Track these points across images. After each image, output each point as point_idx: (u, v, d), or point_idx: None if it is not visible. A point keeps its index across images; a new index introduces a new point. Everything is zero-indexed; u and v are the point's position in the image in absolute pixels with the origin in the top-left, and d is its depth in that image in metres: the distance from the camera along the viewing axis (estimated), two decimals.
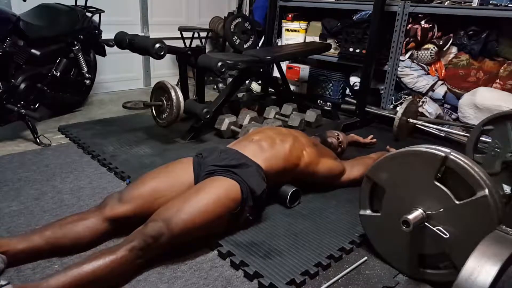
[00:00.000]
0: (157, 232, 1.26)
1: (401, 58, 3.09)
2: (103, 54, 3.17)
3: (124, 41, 2.46)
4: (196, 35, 3.89)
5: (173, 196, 1.46)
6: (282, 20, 3.90)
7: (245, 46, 3.44)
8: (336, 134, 2.30)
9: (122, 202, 1.43)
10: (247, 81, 3.89)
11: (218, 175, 1.51)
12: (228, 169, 1.52)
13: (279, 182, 1.77)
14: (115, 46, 2.61)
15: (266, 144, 1.69)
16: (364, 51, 3.12)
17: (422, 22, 2.96)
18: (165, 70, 4.17)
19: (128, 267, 1.24)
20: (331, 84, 3.62)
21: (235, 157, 1.59)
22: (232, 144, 1.78)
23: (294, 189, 1.78)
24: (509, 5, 2.61)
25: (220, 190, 1.44)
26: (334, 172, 1.91)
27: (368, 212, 1.47)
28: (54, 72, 2.69)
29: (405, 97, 3.13)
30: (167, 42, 2.42)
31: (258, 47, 3.72)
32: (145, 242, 1.25)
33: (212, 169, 1.54)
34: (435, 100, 3.05)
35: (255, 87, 3.91)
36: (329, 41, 3.60)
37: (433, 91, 3.06)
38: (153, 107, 2.53)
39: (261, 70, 3.17)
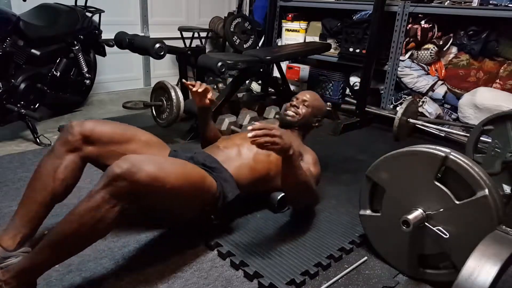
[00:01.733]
0: (122, 170, 1.08)
1: (401, 58, 3.09)
2: (103, 54, 3.17)
3: (124, 41, 2.46)
4: (196, 35, 3.89)
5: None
6: (282, 20, 3.90)
7: (245, 46, 3.44)
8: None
9: (87, 121, 1.40)
10: (247, 81, 3.88)
11: None
12: (205, 168, 1.46)
13: (254, 191, 1.65)
14: (115, 46, 2.61)
15: (233, 153, 1.61)
16: (364, 51, 3.12)
17: (422, 22, 2.96)
18: (165, 70, 4.17)
19: (104, 213, 1.09)
20: (331, 84, 3.62)
21: (210, 160, 1.53)
22: (206, 149, 1.71)
23: (283, 194, 1.70)
24: (509, 5, 2.61)
25: (200, 173, 1.36)
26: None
27: (368, 212, 1.47)
28: (54, 72, 2.69)
29: (405, 97, 3.13)
30: (167, 42, 2.42)
31: (258, 47, 3.72)
32: (109, 180, 1.09)
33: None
34: (435, 100, 3.05)
35: (255, 87, 3.91)
36: (329, 41, 3.60)
37: (433, 91, 3.06)
38: (153, 107, 2.53)
39: (261, 70, 3.16)
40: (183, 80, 1.84)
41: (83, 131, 1.37)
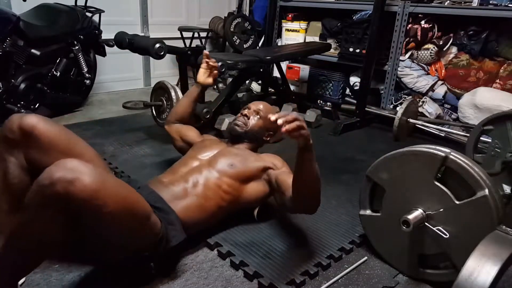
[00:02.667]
0: (56, 176, 0.91)
1: (401, 58, 3.09)
2: (103, 54, 3.17)
3: (124, 41, 2.46)
4: (196, 35, 3.89)
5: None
6: (282, 20, 3.90)
7: (245, 46, 3.44)
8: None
9: (30, 115, 1.20)
10: (247, 81, 3.88)
11: None
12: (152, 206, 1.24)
13: (205, 227, 1.49)
14: (115, 46, 2.61)
15: (179, 190, 1.41)
16: (364, 51, 3.12)
17: (422, 22, 2.96)
18: (165, 70, 4.17)
19: (36, 228, 0.95)
20: (331, 84, 3.62)
21: (154, 198, 1.31)
22: (152, 181, 1.49)
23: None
24: (509, 5, 2.61)
25: (145, 207, 1.16)
26: (266, 193, 1.56)
27: (368, 212, 1.47)
28: (54, 72, 2.69)
29: (405, 97, 3.13)
30: (167, 42, 2.42)
31: (258, 47, 3.72)
32: (38, 188, 0.94)
33: None
34: (435, 100, 3.05)
35: (255, 87, 3.91)
36: (329, 41, 3.60)
37: (433, 91, 3.06)
38: (153, 107, 2.53)
39: (261, 70, 3.16)
40: (205, 51, 1.84)
41: (23, 125, 1.16)
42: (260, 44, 3.91)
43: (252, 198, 1.55)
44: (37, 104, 2.60)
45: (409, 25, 2.99)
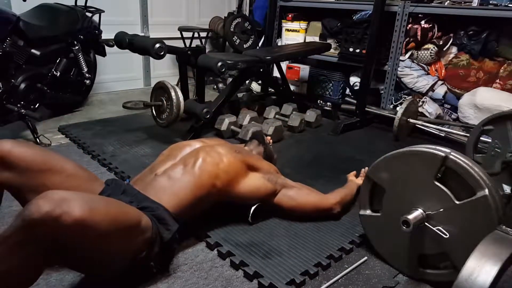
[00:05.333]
0: (41, 214, 0.89)
1: (401, 58, 3.09)
2: (103, 54, 3.17)
3: (124, 41, 2.46)
4: (196, 35, 3.89)
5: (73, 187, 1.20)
6: (282, 20, 3.90)
7: (245, 46, 3.44)
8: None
9: (4, 140, 1.19)
10: (247, 81, 3.88)
11: None
12: (138, 207, 1.25)
13: (198, 211, 1.47)
14: (115, 46, 2.61)
15: (164, 181, 1.38)
16: (364, 51, 3.12)
17: (422, 22, 2.96)
18: (165, 70, 4.17)
19: (22, 263, 0.92)
20: (331, 84, 3.62)
21: (138, 199, 1.29)
22: (135, 180, 1.48)
23: (257, 205, 1.61)
24: (509, 5, 2.61)
25: (135, 214, 1.16)
26: (261, 194, 1.56)
27: (368, 212, 1.47)
28: (54, 72, 2.69)
29: (405, 97, 3.13)
30: (167, 42, 2.42)
31: (258, 47, 3.72)
32: (24, 224, 0.89)
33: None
34: (435, 100, 3.05)
35: (255, 87, 3.91)
36: (329, 41, 3.60)
37: (433, 91, 3.06)
38: (153, 107, 2.53)
39: (261, 70, 3.16)
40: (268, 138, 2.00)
41: None
42: (260, 44, 3.90)
43: (249, 189, 1.52)
44: (37, 104, 2.60)
45: (409, 25, 2.99)
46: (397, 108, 2.81)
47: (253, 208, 1.60)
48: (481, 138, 1.96)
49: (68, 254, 1.01)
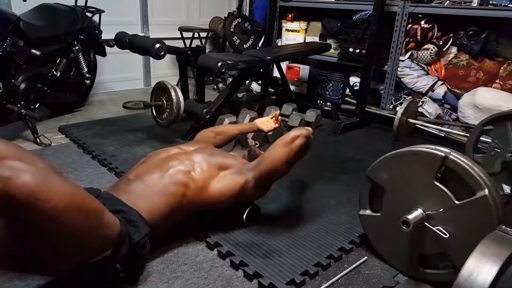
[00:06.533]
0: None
1: (401, 58, 3.09)
2: (103, 54, 3.18)
3: (124, 41, 2.46)
4: (196, 35, 3.89)
5: None
6: (282, 20, 3.90)
7: (245, 46, 3.44)
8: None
9: None
10: (247, 81, 3.89)
11: None
12: (111, 210, 1.20)
13: (172, 222, 1.42)
14: (115, 46, 2.61)
15: (139, 186, 1.36)
16: (364, 51, 3.12)
17: (422, 22, 2.96)
18: (165, 70, 4.17)
19: None
20: (331, 84, 3.62)
21: (111, 203, 1.25)
22: (110, 187, 1.45)
23: (250, 207, 1.62)
24: (509, 5, 2.61)
25: (97, 204, 1.10)
26: (234, 190, 1.49)
27: (368, 212, 1.47)
28: (54, 72, 2.69)
29: (405, 97, 3.13)
30: (167, 42, 2.42)
31: (258, 47, 3.72)
32: None
33: None
34: (435, 100, 3.05)
35: (255, 87, 3.91)
36: (329, 41, 3.60)
37: (433, 91, 3.06)
38: (153, 107, 2.53)
39: (261, 70, 3.16)
40: (276, 112, 2.14)
41: None
42: (260, 44, 3.91)
43: (220, 190, 1.47)
44: (37, 104, 2.60)
45: (409, 25, 2.99)
46: (397, 108, 2.81)
47: (247, 210, 1.60)
48: (481, 138, 1.96)
49: (23, 230, 0.95)
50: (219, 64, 2.38)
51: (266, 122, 2.09)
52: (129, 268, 1.22)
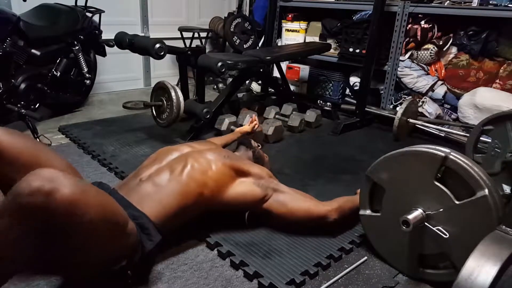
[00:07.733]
0: (33, 187, 0.86)
1: (401, 58, 3.09)
2: (103, 54, 3.18)
3: (124, 41, 2.46)
4: (196, 35, 3.89)
5: None
6: (282, 20, 3.90)
7: (245, 46, 3.44)
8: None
9: None
10: (247, 81, 3.89)
11: None
12: None
13: (182, 221, 1.41)
14: (115, 46, 2.61)
15: (149, 187, 1.33)
16: (364, 51, 3.12)
17: (422, 22, 2.96)
18: (165, 70, 4.17)
19: (6, 242, 0.88)
20: (331, 84, 3.62)
21: (124, 205, 1.21)
22: (120, 185, 1.41)
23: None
24: (509, 5, 2.62)
25: (124, 214, 1.12)
26: (247, 198, 1.48)
27: (368, 212, 1.47)
28: (54, 72, 2.69)
29: (405, 97, 3.13)
30: (167, 42, 2.42)
31: (258, 47, 3.72)
32: (14, 201, 0.86)
33: None
34: (435, 100, 3.05)
35: (255, 87, 3.91)
36: (329, 41, 3.60)
37: (433, 91, 3.06)
38: (153, 107, 2.53)
39: (261, 70, 3.17)
40: (254, 116, 2.26)
41: None
42: (260, 44, 3.91)
43: (235, 196, 1.46)
44: (37, 104, 2.60)
45: (409, 25, 2.99)
46: (397, 108, 2.81)
47: (248, 212, 1.60)
48: (481, 138, 1.96)
49: (56, 240, 0.95)
50: (219, 64, 2.38)
51: (246, 126, 2.24)
52: (139, 273, 1.24)
